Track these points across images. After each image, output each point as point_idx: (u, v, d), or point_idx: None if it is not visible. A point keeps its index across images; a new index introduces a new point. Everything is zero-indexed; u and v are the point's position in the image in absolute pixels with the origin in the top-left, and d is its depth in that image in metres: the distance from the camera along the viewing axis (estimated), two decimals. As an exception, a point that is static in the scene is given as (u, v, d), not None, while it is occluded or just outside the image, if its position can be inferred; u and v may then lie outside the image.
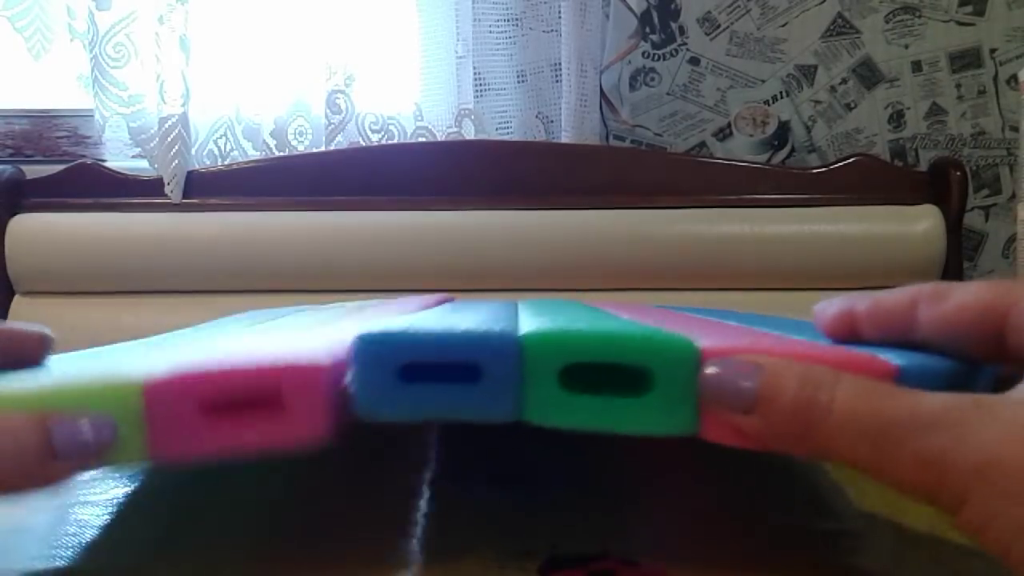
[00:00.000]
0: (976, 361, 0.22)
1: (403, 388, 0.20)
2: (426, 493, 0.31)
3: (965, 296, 0.22)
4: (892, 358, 0.21)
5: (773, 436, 0.19)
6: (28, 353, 0.26)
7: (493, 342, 0.21)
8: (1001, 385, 0.21)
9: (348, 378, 0.21)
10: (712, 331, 0.27)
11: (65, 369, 0.25)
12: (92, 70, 0.98)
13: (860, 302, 0.24)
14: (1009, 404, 0.17)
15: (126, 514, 0.30)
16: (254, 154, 1.02)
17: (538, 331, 0.21)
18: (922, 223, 0.94)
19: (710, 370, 0.20)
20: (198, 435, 0.21)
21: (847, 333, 0.24)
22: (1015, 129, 1.05)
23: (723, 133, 1.08)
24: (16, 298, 0.97)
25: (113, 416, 0.20)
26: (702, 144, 1.08)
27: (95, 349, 0.35)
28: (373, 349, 0.21)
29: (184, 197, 0.98)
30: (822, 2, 1.06)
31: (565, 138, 1.00)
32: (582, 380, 0.21)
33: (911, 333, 0.23)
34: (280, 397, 0.21)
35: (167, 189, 0.97)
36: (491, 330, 0.21)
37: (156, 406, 0.21)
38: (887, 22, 1.06)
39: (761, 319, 0.37)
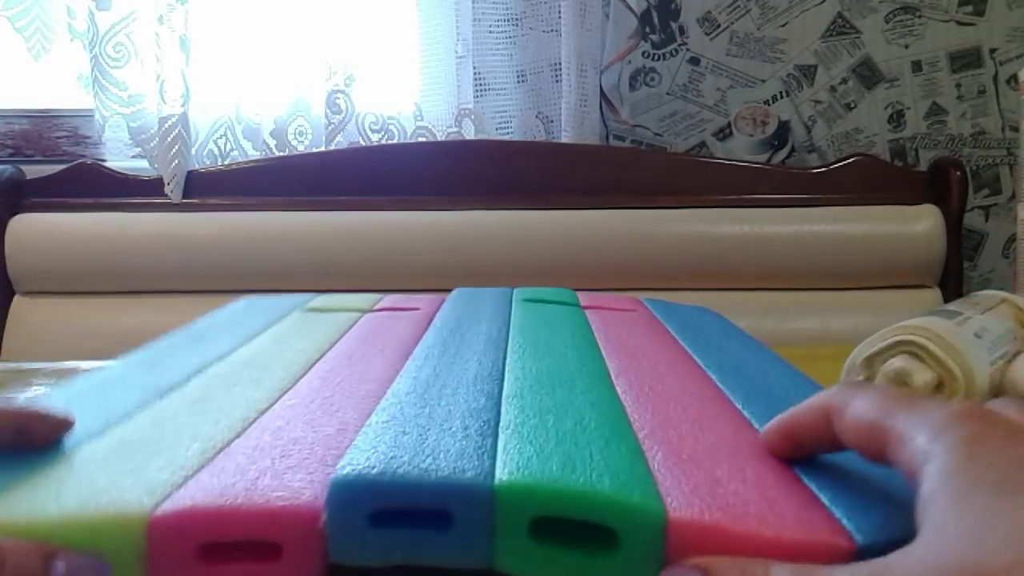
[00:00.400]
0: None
1: (374, 533, 0.21)
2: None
3: (856, 411, 0.22)
4: (856, 529, 0.21)
5: None
6: (40, 435, 0.26)
7: (465, 491, 0.21)
8: None
9: (322, 522, 0.21)
10: (695, 443, 0.26)
11: (70, 475, 0.24)
12: (92, 70, 0.98)
13: (784, 422, 0.25)
14: (902, 564, 0.18)
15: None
16: (254, 154, 1.02)
17: (510, 482, 0.21)
18: (922, 223, 0.94)
19: None
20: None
21: (794, 450, 0.25)
22: (1015, 129, 1.05)
23: (723, 133, 1.08)
24: (16, 298, 0.97)
25: (112, 559, 0.21)
26: (702, 144, 1.08)
27: (89, 380, 0.34)
28: (345, 496, 0.21)
29: (184, 197, 0.98)
30: (822, 2, 1.06)
31: (565, 138, 1.00)
32: (552, 524, 0.21)
33: (835, 443, 0.24)
34: (279, 544, 0.21)
35: (167, 189, 0.97)
36: (462, 478, 0.21)
37: (157, 547, 0.21)
38: (887, 22, 1.06)
39: (762, 380, 0.35)
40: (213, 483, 0.23)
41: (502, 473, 0.22)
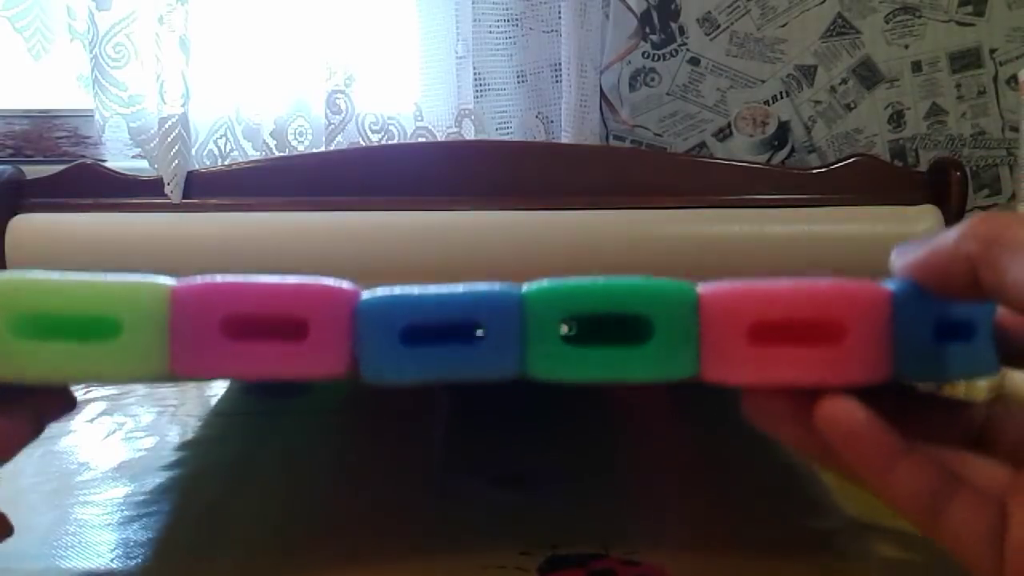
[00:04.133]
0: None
1: (406, 350, 0.20)
2: (428, 493, 0.31)
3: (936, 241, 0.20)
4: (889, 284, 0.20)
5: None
6: None
7: (493, 299, 0.21)
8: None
9: (352, 342, 0.21)
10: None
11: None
12: (92, 70, 0.98)
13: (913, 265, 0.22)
14: None
15: (128, 516, 0.30)
16: (254, 154, 1.02)
17: (538, 286, 0.21)
18: (922, 223, 0.94)
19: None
20: (221, 350, 0.20)
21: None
22: (1015, 129, 1.05)
23: (723, 133, 1.08)
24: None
25: (135, 330, 0.20)
26: (702, 144, 1.08)
27: None
28: (374, 313, 0.20)
29: (184, 197, 0.98)
30: (822, 2, 1.06)
31: (565, 138, 1.00)
32: (584, 334, 0.20)
33: (974, 295, 0.20)
34: (305, 321, 0.20)
35: (167, 189, 0.97)
36: (491, 288, 0.21)
37: (182, 314, 0.20)
38: (887, 22, 1.06)
39: None
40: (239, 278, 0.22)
41: (529, 286, 0.21)
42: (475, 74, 1.01)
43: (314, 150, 1.02)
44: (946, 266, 0.19)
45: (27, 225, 0.99)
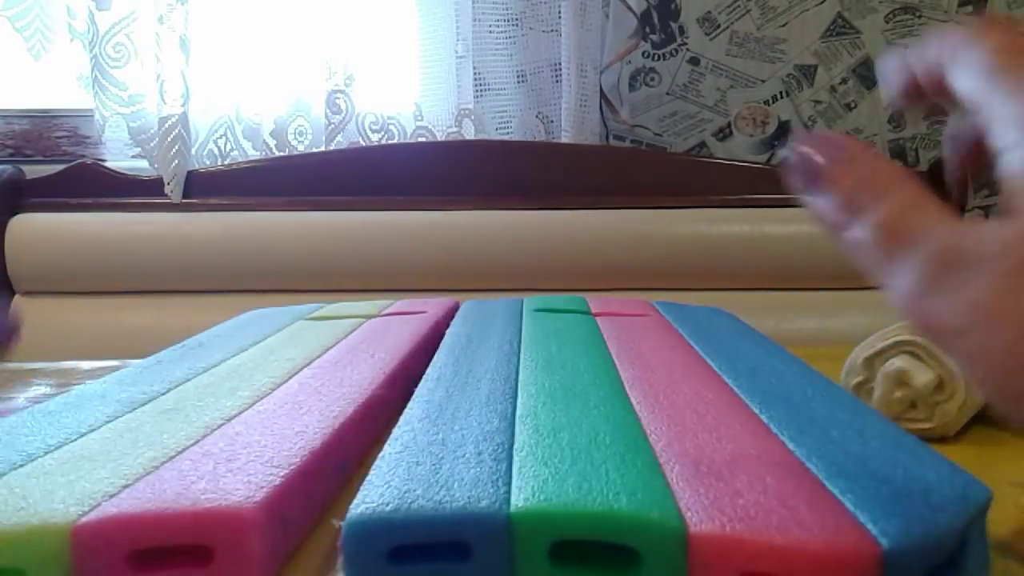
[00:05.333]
0: None
1: (394, 570, 0.20)
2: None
3: (961, 81, 0.21)
4: (882, 533, 0.20)
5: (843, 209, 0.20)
6: None
7: (482, 522, 0.21)
8: None
9: (338, 563, 0.21)
10: (721, 463, 0.25)
11: (6, 489, 0.23)
12: (92, 70, 0.98)
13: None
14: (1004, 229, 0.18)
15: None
16: (254, 154, 1.02)
17: (526, 508, 0.21)
18: (922, 223, 0.94)
19: (790, 153, 0.21)
20: None
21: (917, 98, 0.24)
22: (1015, 129, 1.05)
23: (723, 133, 1.08)
24: (16, 298, 0.97)
25: (38, 572, 0.20)
26: (702, 144, 1.08)
27: (68, 397, 0.33)
28: (360, 536, 0.20)
29: (184, 197, 0.98)
30: (822, 2, 1.06)
31: (565, 138, 1.00)
32: (572, 547, 0.21)
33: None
34: (210, 548, 0.21)
35: (167, 189, 0.97)
36: (478, 508, 0.21)
37: (83, 557, 0.20)
38: (887, 22, 1.06)
39: (778, 382, 0.34)
40: (146, 491, 0.22)
41: (518, 499, 0.21)
42: (475, 74, 1.01)
43: (314, 150, 1.02)
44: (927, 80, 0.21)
45: (27, 225, 0.99)
